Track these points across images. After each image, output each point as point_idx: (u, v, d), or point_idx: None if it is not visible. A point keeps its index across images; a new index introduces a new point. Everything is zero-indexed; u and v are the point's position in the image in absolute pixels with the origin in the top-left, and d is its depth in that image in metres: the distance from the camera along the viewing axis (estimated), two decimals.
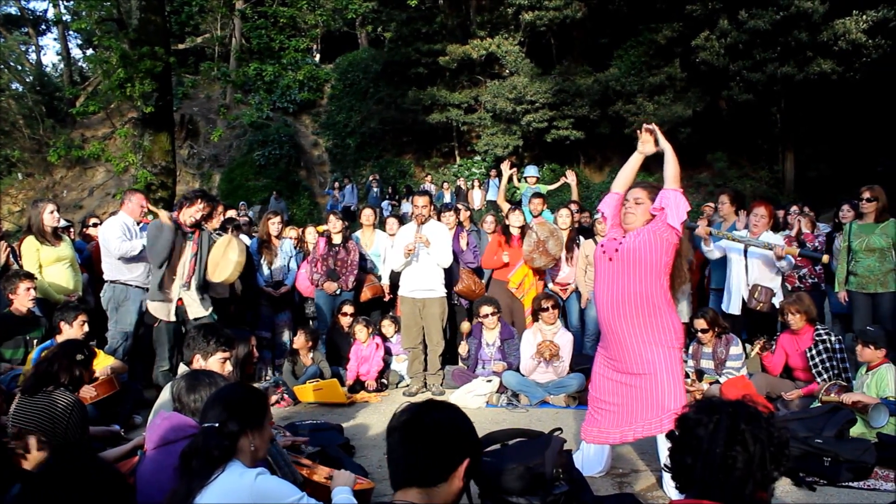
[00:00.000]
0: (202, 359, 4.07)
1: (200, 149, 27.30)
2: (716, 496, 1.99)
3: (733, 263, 7.41)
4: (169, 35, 14.97)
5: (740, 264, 7.34)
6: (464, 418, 2.25)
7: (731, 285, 7.43)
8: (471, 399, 7.06)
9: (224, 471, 2.64)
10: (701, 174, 22.98)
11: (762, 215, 7.35)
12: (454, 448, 2.15)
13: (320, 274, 8.38)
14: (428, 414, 2.21)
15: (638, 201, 4.54)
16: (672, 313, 4.52)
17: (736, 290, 7.35)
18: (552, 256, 7.84)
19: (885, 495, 4.35)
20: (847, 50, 18.25)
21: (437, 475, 2.12)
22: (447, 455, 2.14)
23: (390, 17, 26.17)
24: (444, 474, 2.13)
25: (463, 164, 25.43)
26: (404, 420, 2.19)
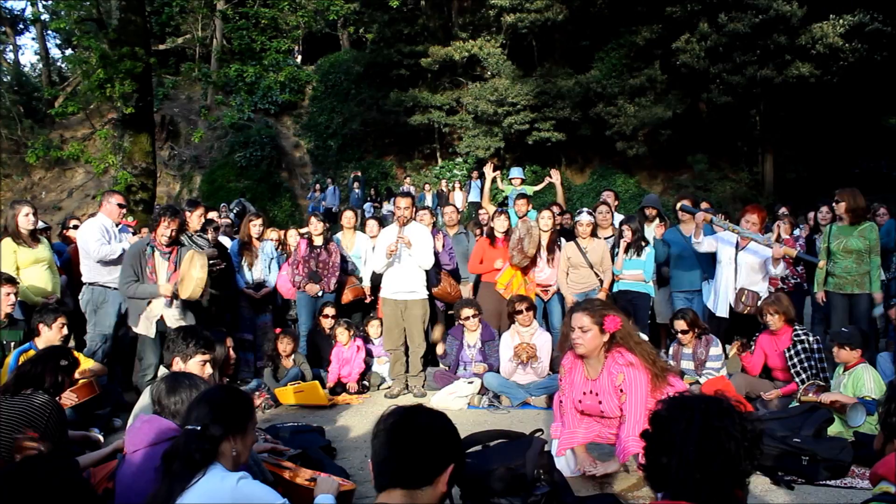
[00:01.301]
0: (182, 361, 4.05)
1: (181, 150, 27.15)
2: (692, 495, 1.97)
3: (723, 266, 7.40)
4: (149, 35, 14.88)
5: (730, 267, 7.34)
6: (451, 425, 2.25)
7: (719, 287, 7.43)
8: (452, 400, 7.06)
9: (205, 474, 2.62)
10: (681, 176, 23.13)
11: (753, 222, 7.25)
12: (441, 451, 2.15)
13: (302, 276, 8.36)
14: (417, 416, 2.20)
15: (584, 329, 4.37)
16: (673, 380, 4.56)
17: (724, 292, 7.36)
18: (526, 255, 7.85)
19: (862, 493, 4.39)
20: (825, 53, 18.46)
21: (422, 477, 2.11)
22: (434, 457, 2.13)
23: (372, 19, 26.16)
24: (429, 477, 2.12)
25: (445, 165, 25.45)
26: (393, 421, 2.18)
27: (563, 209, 9.86)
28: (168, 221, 6.66)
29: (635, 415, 4.28)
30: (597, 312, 4.36)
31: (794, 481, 4.70)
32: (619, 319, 4.36)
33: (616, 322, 4.34)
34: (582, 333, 4.35)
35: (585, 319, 4.35)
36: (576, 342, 4.39)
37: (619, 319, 4.35)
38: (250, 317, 8.48)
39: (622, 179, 22.67)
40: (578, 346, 4.39)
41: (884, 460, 2.29)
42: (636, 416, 4.28)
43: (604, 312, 4.37)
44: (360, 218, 14.57)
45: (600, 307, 4.44)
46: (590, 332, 4.34)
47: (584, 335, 4.35)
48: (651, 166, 23.46)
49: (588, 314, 4.36)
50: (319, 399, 7.21)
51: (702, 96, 21.39)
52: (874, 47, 18.52)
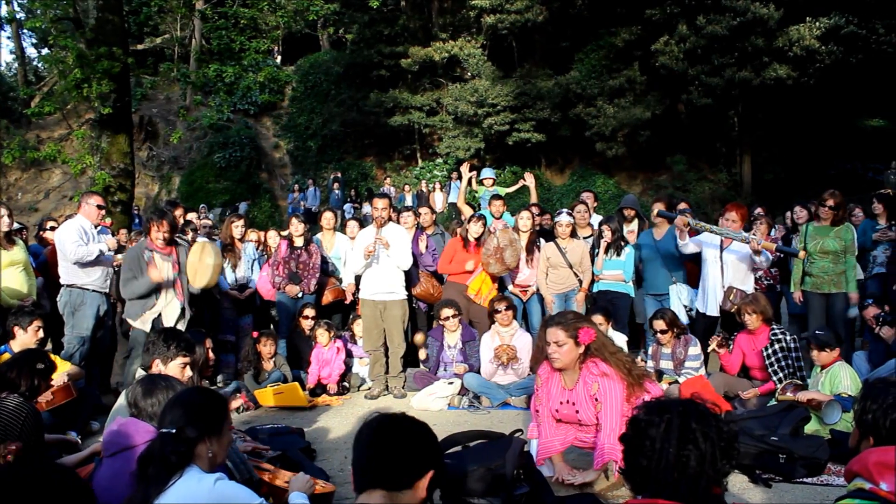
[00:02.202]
0: (162, 363, 4.02)
1: (160, 151, 26.97)
2: (670, 495, 2.00)
3: (709, 265, 7.41)
4: (127, 35, 14.75)
5: (716, 266, 7.36)
6: (432, 433, 2.26)
7: (707, 286, 7.45)
8: (432, 401, 7.06)
9: (181, 476, 2.61)
10: (660, 177, 23.26)
11: (733, 220, 7.24)
12: (422, 456, 2.15)
13: (282, 277, 8.34)
14: (401, 421, 2.22)
15: (559, 343, 4.41)
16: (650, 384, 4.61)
17: (712, 291, 7.38)
18: (506, 266, 7.84)
19: (838, 490, 4.43)
20: (801, 56, 18.63)
21: (403, 479, 2.11)
22: (416, 461, 2.13)
23: (352, 20, 26.11)
24: (410, 480, 2.12)
25: (425, 166, 25.46)
26: (377, 423, 2.19)
27: (542, 209, 9.86)
28: (157, 225, 6.73)
29: (610, 423, 4.33)
30: (570, 326, 4.41)
31: (771, 479, 4.75)
32: (593, 331, 4.42)
33: (590, 334, 4.39)
34: (558, 348, 4.40)
35: (560, 334, 4.40)
36: (552, 356, 4.44)
37: (592, 331, 4.41)
38: (232, 318, 8.44)
39: (602, 180, 22.76)
40: (555, 360, 4.44)
41: (858, 457, 2.32)
42: (611, 424, 4.32)
43: (577, 325, 4.42)
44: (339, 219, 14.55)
45: (573, 320, 4.49)
46: (565, 346, 4.39)
47: (560, 349, 4.40)
48: (630, 167, 23.57)
49: (562, 328, 4.40)
50: (299, 400, 7.19)
51: (680, 98, 21.52)
52: (849, 50, 18.71)
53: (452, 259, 8.24)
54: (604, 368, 4.40)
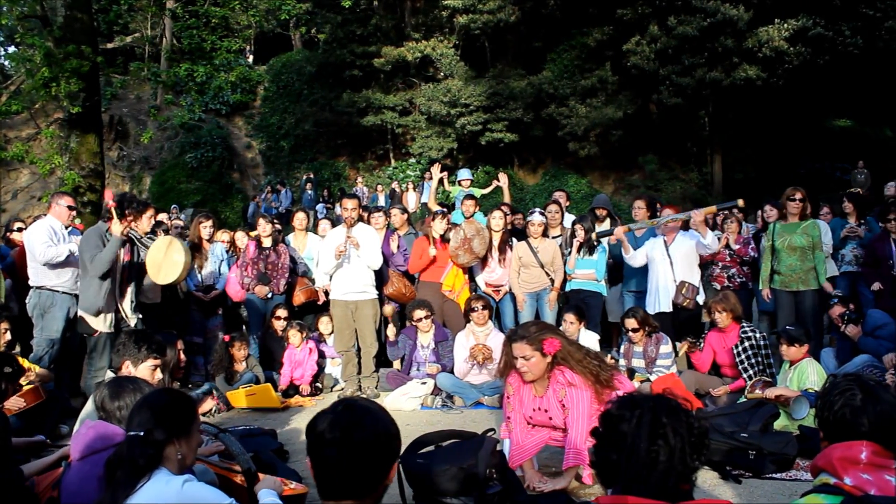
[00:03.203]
0: (132, 365, 3.99)
1: (130, 151, 26.71)
2: (640, 490, 2.01)
3: (657, 264, 7.51)
4: (96, 33, 14.58)
5: (665, 262, 7.46)
6: (388, 422, 2.16)
7: (658, 285, 7.50)
8: (405, 401, 7.06)
9: (150, 479, 2.58)
10: (632, 176, 23.42)
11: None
12: (385, 459, 2.10)
13: (251, 278, 8.29)
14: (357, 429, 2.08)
15: (527, 357, 4.43)
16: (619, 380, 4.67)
17: (664, 288, 7.44)
18: (475, 254, 7.88)
19: (806, 485, 4.48)
20: (770, 56, 18.84)
21: (370, 487, 2.08)
22: (380, 468, 2.09)
23: (325, 19, 26.01)
24: (377, 485, 2.09)
25: (398, 166, 25.44)
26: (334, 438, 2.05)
27: (513, 208, 9.88)
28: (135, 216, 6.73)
29: (577, 429, 4.38)
30: (535, 339, 4.43)
31: (741, 475, 4.80)
32: (557, 340, 4.44)
33: (555, 344, 4.41)
34: (526, 362, 4.43)
35: (527, 349, 4.42)
36: (522, 371, 4.46)
37: (557, 341, 4.43)
38: (200, 320, 8.37)
39: (574, 180, 22.87)
40: (526, 374, 4.47)
41: (822, 453, 2.35)
42: (578, 430, 4.37)
43: (541, 337, 4.44)
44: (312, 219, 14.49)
45: (536, 332, 4.50)
46: (533, 359, 4.42)
47: (529, 363, 4.42)
48: (603, 166, 23.70)
49: (527, 342, 4.42)
50: (272, 402, 7.16)
51: (652, 97, 21.69)
52: (817, 51, 18.96)
53: (422, 257, 8.26)
54: (570, 377, 4.44)
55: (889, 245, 7.67)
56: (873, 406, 2.31)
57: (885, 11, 19.02)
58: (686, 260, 7.41)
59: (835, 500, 2.20)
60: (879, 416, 2.29)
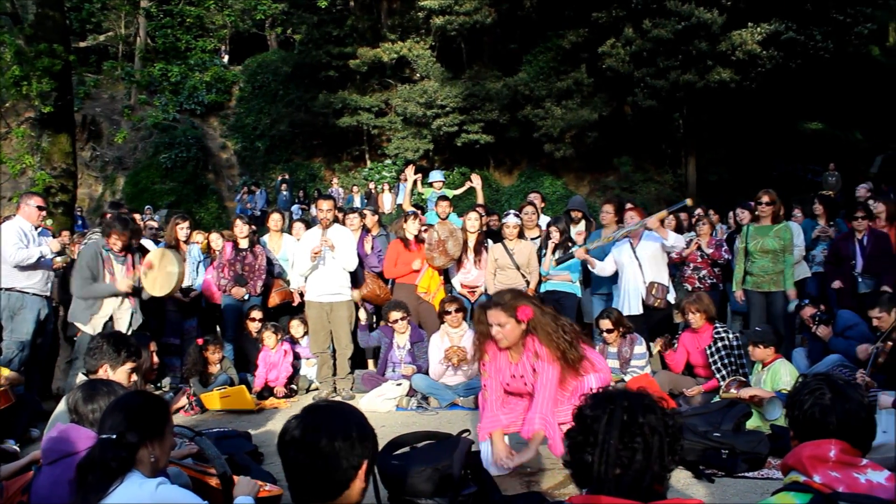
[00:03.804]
0: (110, 369, 3.95)
1: (104, 151, 26.42)
2: (613, 490, 2.00)
3: (626, 267, 7.53)
4: (68, 32, 14.40)
5: (634, 265, 7.49)
6: (354, 422, 2.13)
7: (627, 287, 7.53)
8: (381, 402, 7.05)
9: (122, 482, 2.55)
10: (608, 178, 23.55)
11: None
12: (354, 461, 2.09)
13: (227, 279, 8.24)
14: (324, 433, 2.06)
15: (501, 324, 4.44)
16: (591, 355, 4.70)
17: (634, 290, 7.47)
18: (450, 256, 7.89)
19: (777, 483, 4.53)
20: (744, 60, 19.05)
21: (338, 489, 2.07)
22: (349, 470, 2.07)
23: (300, 20, 25.92)
24: (343, 488, 2.08)
25: (373, 167, 25.39)
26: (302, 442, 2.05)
27: (488, 210, 9.90)
28: (117, 235, 6.58)
29: (542, 395, 4.42)
30: (509, 306, 4.43)
31: (714, 474, 4.84)
32: (531, 308, 4.45)
33: (528, 312, 4.42)
34: (500, 328, 4.43)
35: (501, 315, 4.42)
36: (498, 338, 4.46)
37: (530, 309, 4.44)
38: (177, 321, 8.31)
39: (549, 181, 22.94)
40: (501, 340, 4.46)
41: (792, 452, 2.37)
42: (543, 396, 4.41)
43: (515, 304, 4.45)
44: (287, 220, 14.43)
45: (511, 300, 4.50)
46: (508, 326, 4.41)
47: (504, 329, 4.43)
48: (578, 168, 23.80)
49: (501, 309, 4.43)
50: (246, 404, 7.12)
51: (627, 100, 21.81)
52: (789, 55, 19.20)
53: (397, 262, 8.26)
54: (538, 348, 4.47)
55: (853, 244, 7.78)
56: (842, 405, 2.34)
57: (855, 17, 19.36)
58: (654, 260, 7.45)
59: (804, 497, 2.22)
60: (847, 414, 2.32)
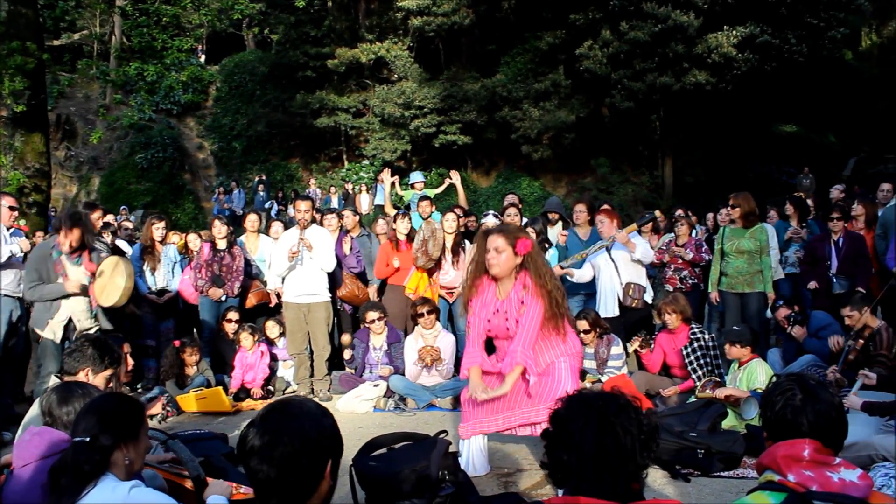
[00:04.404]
0: (91, 373, 3.91)
1: (78, 150, 26.15)
2: (590, 490, 2.02)
3: (602, 270, 7.55)
4: (42, 30, 14.25)
5: (609, 267, 7.52)
6: (311, 423, 2.09)
7: (604, 289, 7.57)
8: (358, 404, 7.04)
9: (96, 486, 2.52)
10: (585, 179, 23.63)
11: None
12: (317, 462, 2.06)
13: (204, 280, 8.18)
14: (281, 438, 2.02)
15: (498, 249, 4.48)
16: (570, 333, 4.68)
17: (610, 291, 7.51)
18: (430, 257, 7.90)
19: (752, 482, 4.56)
20: (719, 62, 19.20)
21: (305, 493, 2.05)
22: (312, 472, 2.05)
23: (278, 20, 25.81)
24: (311, 491, 2.06)
25: (351, 168, 25.34)
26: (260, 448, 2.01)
27: (467, 211, 9.90)
28: (65, 232, 6.38)
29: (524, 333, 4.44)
30: (511, 235, 4.50)
31: (690, 474, 4.89)
32: (531, 243, 4.52)
33: (527, 245, 4.48)
34: (497, 254, 4.47)
35: (500, 241, 4.48)
36: (490, 262, 4.50)
37: (529, 242, 4.51)
38: (152, 323, 8.25)
39: (527, 182, 23.01)
40: (493, 265, 4.50)
41: (767, 451, 2.39)
42: (524, 335, 4.43)
43: (517, 235, 4.52)
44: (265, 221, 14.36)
45: (514, 230, 4.60)
46: (504, 254, 4.46)
47: (499, 256, 4.47)
48: (555, 169, 23.88)
49: (503, 236, 4.49)
50: (223, 405, 7.08)
51: (604, 101, 21.91)
52: (764, 58, 19.39)
53: (388, 262, 8.25)
54: (528, 282, 4.49)
55: (828, 246, 7.86)
56: (812, 405, 2.36)
57: (829, 21, 19.59)
58: (629, 262, 7.48)
59: (779, 497, 2.25)
60: (818, 414, 2.35)
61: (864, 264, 7.68)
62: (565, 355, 4.58)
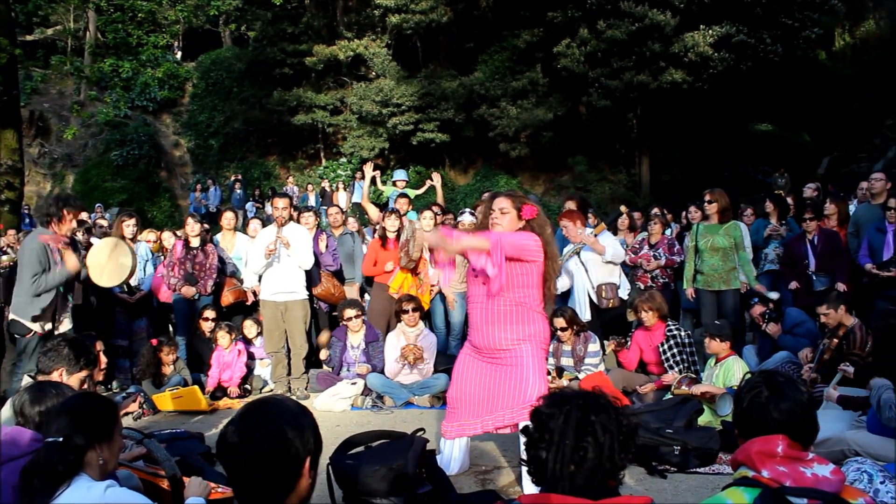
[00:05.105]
0: (66, 374, 3.88)
1: (52, 147, 25.87)
2: (567, 488, 2.03)
3: (575, 275, 7.58)
4: (14, 25, 14.10)
5: (580, 271, 7.54)
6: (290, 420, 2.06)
7: (578, 293, 7.60)
8: (336, 402, 7.03)
9: (69, 486, 2.49)
10: (562, 177, 23.70)
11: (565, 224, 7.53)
12: (294, 459, 2.04)
13: (178, 278, 8.12)
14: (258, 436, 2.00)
15: (503, 211, 4.56)
16: (542, 320, 4.67)
17: (583, 294, 7.56)
18: (410, 258, 7.90)
19: (728, 478, 4.60)
20: (696, 61, 19.30)
21: (284, 491, 2.04)
22: (290, 470, 2.04)
23: (255, 16, 25.62)
24: (290, 488, 2.05)
25: (328, 165, 25.24)
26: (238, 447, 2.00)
27: (444, 209, 9.91)
28: (72, 213, 6.25)
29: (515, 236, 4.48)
30: (517, 199, 4.63)
31: (667, 470, 4.93)
32: (536, 210, 4.61)
33: (532, 211, 4.58)
34: (501, 215, 4.56)
35: (506, 203, 4.59)
36: (493, 221, 4.58)
37: (535, 209, 4.60)
38: (126, 322, 8.18)
39: (505, 180, 23.02)
40: (495, 224, 4.57)
41: (741, 447, 2.42)
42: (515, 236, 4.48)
43: (524, 201, 4.63)
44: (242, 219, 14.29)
45: (521, 196, 4.72)
46: (508, 216, 4.55)
47: (503, 217, 4.56)
48: (533, 167, 23.91)
49: (509, 199, 4.62)
50: (199, 404, 7.04)
51: (582, 100, 21.96)
52: (740, 57, 19.53)
53: (376, 261, 8.23)
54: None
55: (805, 245, 7.93)
56: (777, 403, 2.39)
57: (803, 21, 19.78)
58: (599, 263, 7.50)
59: (753, 492, 2.27)
60: (783, 411, 2.37)
61: (841, 260, 7.76)
62: (530, 340, 4.56)
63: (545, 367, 4.75)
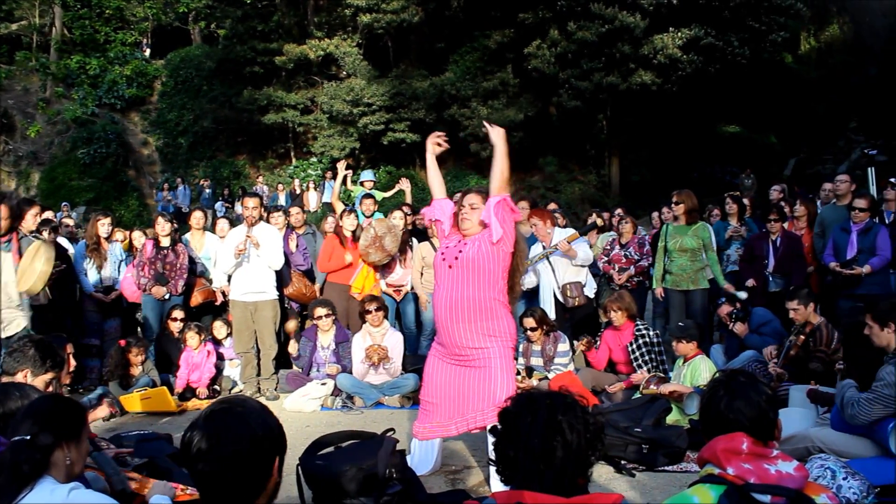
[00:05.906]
0: (31, 375, 3.82)
1: (17, 145, 25.49)
2: (536, 486, 2.06)
3: (542, 274, 7.63)
4: None
5: (547, 271, 7.59)
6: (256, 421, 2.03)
7: (543, 292, 7.63)
8: (305, 402, 7.01)
9: (33, 488, 2.46)
10: (533, 178, 23.79)
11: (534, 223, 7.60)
12: (264, 461, 2.01)
13: (147, 278, 8.04)
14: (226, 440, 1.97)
15: (473, 206, 4.60)
16: (508, 315, 4.68)
17: (549, 293, 7.60)
18: (387, 252, 7.89)
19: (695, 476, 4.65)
20: (665, 63, 19.51)
21: (253, 492, 2.03)
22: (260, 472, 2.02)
23: (225, 14, 25.43)
24: (260, 489, 2.04)
25: (299, 165, 25.12)
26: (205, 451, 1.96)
27: (414, 209, 9.92)
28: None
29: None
30: (487, 195, 4.64)
31: (635, 469, 4.98)
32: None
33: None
34: (471, 210, 4.61)
35: (476, 199, 4.64)
36: (463, 216, 4.63)
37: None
38: (97, 321, 8.10)
39: (475, 180, 23.00)
40: (465, 220, 4.62)
41: (707, 445, 2.46)
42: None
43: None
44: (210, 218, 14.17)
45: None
46: (478, 211, 4.60)
47: (473, 212, 4.60)
48: None
49: (480, 195, 4.67)
50: (168, 405, 6.99)
51: (552, 100, 22.09)
52: (708, 60, 19.78)
53: (332, 256, 8.20)
54: None
55: (767, 245, 8.03)
56: (732, 402, 2.44)
57: (770, 25, 20.07)
58: (565, 263, 7.55)
59: (718, 489, 2.32)
60: (739, 412, 2.42)
61: (799, 264, 7.88)
62: (497, 338, 4.57)
63: (514, 367, 4.77)
